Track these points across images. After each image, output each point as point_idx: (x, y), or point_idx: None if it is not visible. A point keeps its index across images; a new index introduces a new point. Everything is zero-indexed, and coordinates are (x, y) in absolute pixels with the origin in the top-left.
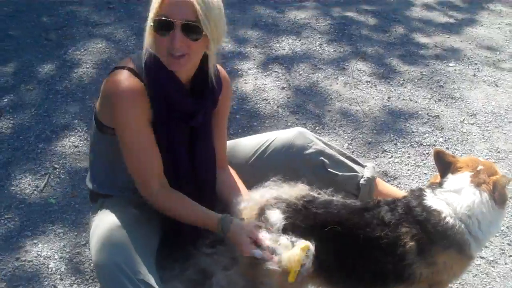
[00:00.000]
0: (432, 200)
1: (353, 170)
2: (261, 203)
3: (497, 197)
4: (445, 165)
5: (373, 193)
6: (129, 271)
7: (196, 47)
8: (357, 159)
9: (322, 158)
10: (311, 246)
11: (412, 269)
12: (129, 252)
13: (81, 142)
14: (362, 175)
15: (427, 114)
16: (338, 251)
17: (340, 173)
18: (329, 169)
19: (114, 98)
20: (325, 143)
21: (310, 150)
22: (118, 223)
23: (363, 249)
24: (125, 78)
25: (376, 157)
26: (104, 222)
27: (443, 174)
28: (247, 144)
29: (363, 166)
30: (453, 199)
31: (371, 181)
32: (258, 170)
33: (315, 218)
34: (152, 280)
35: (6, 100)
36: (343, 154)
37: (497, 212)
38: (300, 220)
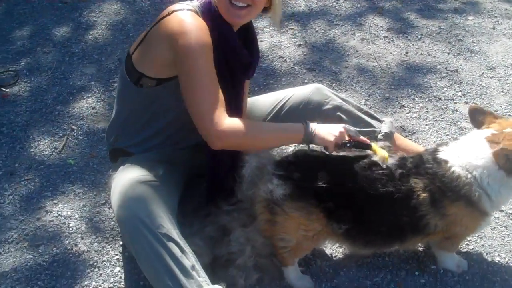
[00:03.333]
0: (445, 152)
1: (370, 125)
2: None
3: (501, 164)
4: (477, 123)
5: (392, 148)
6: (151, 225)
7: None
8: (375, 114)
9: (340, 113)
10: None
11: (427, 220)
12: (151, 206)
13: (98, 103)
14: (380, 130)
15: (446, 68)
16: (354, 207)
17: (358, 129)
18: (346, 125)
19: (183, 34)
20: (342, 99)
21: (328, 106)
22: (139, 179)
23: (377, 204)
24: (192, 15)
25: (394, 112)
26: (126, 178)
27: None
28: (264, 101)
29: (381, 121)
30: (464, 151)
31: (389, 136)
32: None
33: (329, 175)
34: (174, 234)
35: (22, 63)
36: (360, 110)
37: (504, 175)
38: (316, 177)
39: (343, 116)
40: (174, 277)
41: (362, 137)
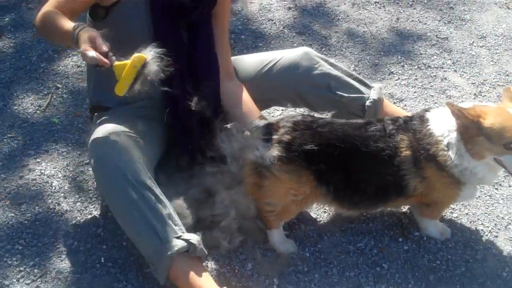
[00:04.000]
0: (432, 113)
1: (359, 91)
2: (273, 122)
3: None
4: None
5: (379, 114)
6: (127, 172)
7: None
8: (364, 79)
9: (329, 79)
10: (148, 58)
11: (407, 181)
12: (127, 155)
13: (84, 62)
14: (368, 97)
15: (436, 36)
16: (344, 169)
17: (346, 95)
18: (335, 91)
19: None
20: (331, 64)
21: (317, 72)
22: (116, 129)
23: (367, 163)
24: None
25: (383, 79)
26: (103, 129)
27: None
28: (250, 61)
29: (369, 87)
30: (450, 117)
31: (377, 102)
32: (261, 89)
33: (321, 137)
34: (150, 183)
35: (7, 19)
36: (349, 75)
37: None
38: (307, 140)
39: (331, 82)
40: (149, 225)
41: (99, 59)
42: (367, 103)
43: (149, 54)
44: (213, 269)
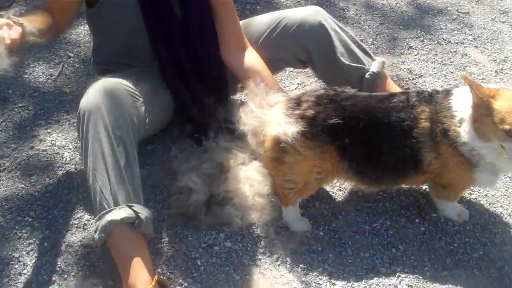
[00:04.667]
0: (460, 89)
1: (360, 61)
2: (295, 97)
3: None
4: None
5: (378, 90)
6: (109, 121)
7: None
8: (368, 50)
9: (333, 40)
10: None
11: (423, 154)
12: (120, 107)
13: None
14: (369, 69)
15: (457, 10)
16: (367, 142)
17: (347, 62)
18: (337, 55)
19: None
20: (340, 27)
21: (322, 31)
22: (120, 82)
23: (389, 134)
24: None
25: (402, 53)
26: (104, 79)
27: None
28: (260, 21)
29: (373, 59)
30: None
31: (376, 76)
32: (271, 48)
33: (345, 111)
34: (129, 143)
35: None
36: (355, 42)
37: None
38: (331, 114)
39: (336, 45)
40: (107, 180)
41: None
42: (366, 75)
43: None
44: (225, 246)
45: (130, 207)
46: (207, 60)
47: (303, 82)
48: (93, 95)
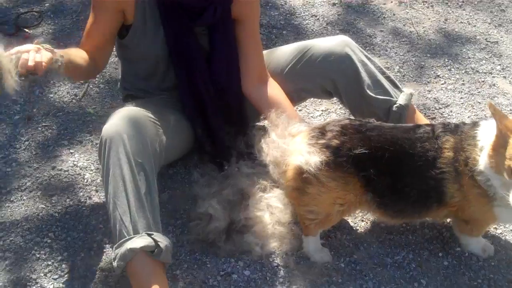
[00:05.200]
0: (488, 121)
1: (388, 93)
2: (319, 126)
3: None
4: None
5: (404, 122)
6: (131, 148)
7: None
8: (396, 81)
9: (360, 73)
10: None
11: (446, 186)
12: (142, 135)
13: None
14: (396, 101)
15: (486, 39)
16: (391, 173)
17: (374, 95)
18: (364, 87)
19: None
20: (367, 57)
21: (349, 62)
22: (140, 110)
23: (413, 165)
24: None
25: (428, 82)
26: (129, 108)
27: None
28: (286, 51)
29: (400, 91)
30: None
31: (403, 109)
32: (296, 78)
33: (370, 141)
34: (149, 171)
35: (47, 4)
36: (383, 73)
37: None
38: (357, 144)
39: (363, 77)
40: (128, 208)
41: None
42: (393, 107)
43: None
44: (244, 275)
45: (150, 235)
46: (230, 94)
47: (328, 109)
48: (116, 122)
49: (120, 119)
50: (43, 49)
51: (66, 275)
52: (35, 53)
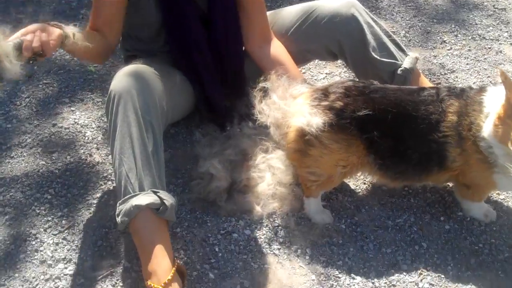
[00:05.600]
0: (497, 87)
1: (393, 56)
2: (321, 88)
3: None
4: None
5: (408, 86)
6: (140, 105)
7: None
8: (401, 44)
9: (365, 34)
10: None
11: (448, 150)
12: (150, 91)
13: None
14: (401, 64)
15: (493, 6)
16: (394, 135)
17: (379, 57)
18: (369, 49)
19: None
20: (373, 19)
21: (355, 24)
22: (150, 68)
23: (416, 128)
24: None
25: (434, 47)
26: (135, 65)
27: None
28: (290, 12)
29: (406, 55)
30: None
31: (408, 72)
32: (301, 38)
33: (374, 103)
34: (157, 129)
35: None
36: (388, 36)
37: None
38: (360, 106)
39: (368, 39)
40: (134, 165)
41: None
42: (398, 71)
43: None
44: (245, 234)
45: (155, 193)
46: (229, 58)
47: (332, 72)
48: (124, 78)
49: (128, 76)
50: (50, 26)
51: (65, 231)
52: (41, 32)
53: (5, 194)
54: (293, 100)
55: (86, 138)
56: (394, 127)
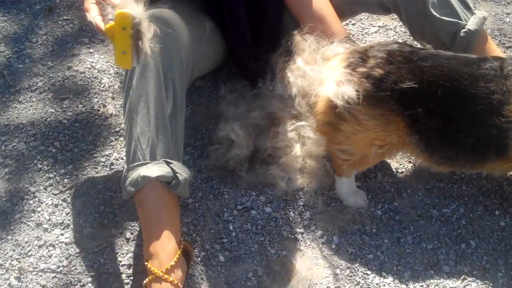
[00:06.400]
0: None
1: (456, 15)
2: (360, 50)
3: None
4: None
5: (470, 51)
6: (161, 64)
7: None
8: (468, 2)
9: None
10: (136, 13)
11: (510, 138)
12: (174, 44)
13: None
14: (465, 25)
15: None
16: (444, 114)
17: (439, 16)
18: (428, 5)
19: None
20: None
21: None
22: (172, 12)
23: (472, 108)
24: None
25: (508, 3)
26: (156, 9)
27: None
28: None
29: (472, 13)
30: None
31: (472, 35)
32: None
33: (422, 73)
34: (179, 88)
35: None
36: None
37: None
38: (405, 76)
39: None
40: (148, 128)
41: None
42: (461, 32)
43: (135, 8)
44: (264, 212)
45: (168, 163)
46: (265, 4)
47: (386, 25)
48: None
49: (153, 16)
50: None
51: (67, 191)
52: None
53: (8, 143)
54: (324, 63)
55: (102, 85)
56: (444, 104)
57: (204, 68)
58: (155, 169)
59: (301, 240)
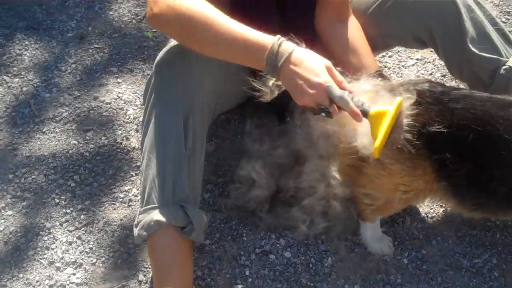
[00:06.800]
0: None
1: (497, 50)
2: (388, 87)
3: None
4: None
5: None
6: (181, 103)
7: None
8: (510, 36)
9: (464, 22)
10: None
11: None
12: (196, 82)
13: None
14: (506, 61)
15: None
16: (475, 159)
17: (478, 52)
18: (467, 40)
19: None
20: (476, 2)
21: (452, 6)
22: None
23: (506, 155)
24: None
25: None
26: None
27: None
28: None
29: None
30: None
31: None
32: (379, 21)
33: (452, 116)
34: (199, 134)
35: None
36: (494, 24)
37: None
38: (434, 119)
39: (466, 26)
40: (163, 169)
41: (352, 105)
42: (501, 70)
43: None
44: (284, 257)
45: (183, 208)
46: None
47: (424, 58)
48: (170, 56)
49: (176, 52)
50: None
51: (83, 228)
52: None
53: (28, 176)
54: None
55: (127, 116)
56: (475, 150)
57: (229, 105)
58: (168, 214)
59: None
